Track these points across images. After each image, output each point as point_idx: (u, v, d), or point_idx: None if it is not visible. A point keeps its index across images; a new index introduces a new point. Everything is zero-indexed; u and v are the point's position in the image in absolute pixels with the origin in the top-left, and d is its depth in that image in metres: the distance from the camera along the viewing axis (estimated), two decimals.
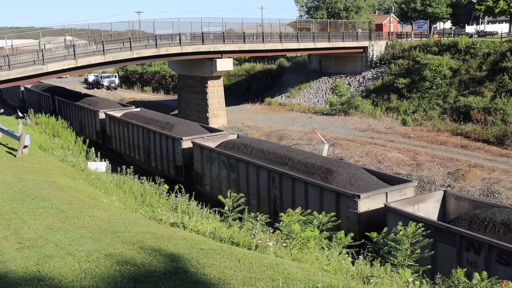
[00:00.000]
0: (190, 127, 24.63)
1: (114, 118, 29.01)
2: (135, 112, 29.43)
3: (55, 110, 39.03)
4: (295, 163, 17.09)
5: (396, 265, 9.35)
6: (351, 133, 33.91)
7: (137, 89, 69.86)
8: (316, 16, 68.45)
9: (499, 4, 53.72)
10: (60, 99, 38.75)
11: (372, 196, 13.91)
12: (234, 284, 5.67)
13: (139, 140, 26.36)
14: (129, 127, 27.32)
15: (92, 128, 32.44)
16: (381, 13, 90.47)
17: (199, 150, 20.88)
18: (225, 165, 19.23)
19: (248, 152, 19.07)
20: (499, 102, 32.87)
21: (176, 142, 22.54)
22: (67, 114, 36.47)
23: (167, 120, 25.89)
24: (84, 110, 33.66)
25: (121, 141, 28.53)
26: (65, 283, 5.83)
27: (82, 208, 10.15)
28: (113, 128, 29.32)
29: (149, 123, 26.03)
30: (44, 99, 42.67)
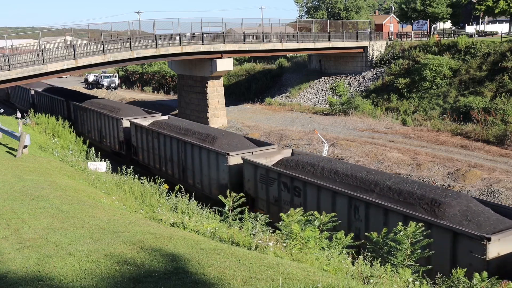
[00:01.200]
0: (235, 140, 21.36)
1: (141, 127, 26.09)
2: (165, 120, 26.73)
3: (69, 116, 36.47)
4: (384, 190, 14.04)
5: (396, 265, 9.35)
6: (351, 133, 33.91)
7: (137, 89, 69.86)
8: (316, 16, 68.45)
9: (499, 4, 53.73)
10: (76, 104, 35.52)
11: (505, 238, 11.16)
12: (234, 284, 5.67)
13: (172, 153, 23.18)
14: (160, 138, 24.19)
15: (114, 138, 29.40)
16: (381, 13, 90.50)
17: (252, 169, 17.79)
18: (287, 187, 16.27)
19: (318, 173, 16.11)
20: (499, 102, 32.86)
21: (221, 158, 19.25)
22: (84, 121, 34.05)
23: (207, 131, 22.62)
24: (105, 117, 30.46)
25: (149, 153, 25.53)
26: (65, 283, 5.83)
27: (82, 208, 10.15)
28: (139, 138, 26.34)
29: (185, 134, 23.07)
30: (57, 104, 39.35)
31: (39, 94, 44.01)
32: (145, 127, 25.80)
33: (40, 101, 43.82)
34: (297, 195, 15.88)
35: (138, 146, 26.64)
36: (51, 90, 43.79)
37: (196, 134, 22.58)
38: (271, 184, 16.96)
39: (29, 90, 46.32)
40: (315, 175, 16.02)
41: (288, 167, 17.13)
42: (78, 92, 42.86)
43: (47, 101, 41.66)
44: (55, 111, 38.10)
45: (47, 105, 41.32)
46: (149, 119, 27.51)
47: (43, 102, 42.83)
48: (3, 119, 26.18)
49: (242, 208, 11.26)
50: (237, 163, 18.79)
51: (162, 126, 25.16)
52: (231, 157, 18.83)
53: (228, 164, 18.85)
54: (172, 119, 27.69)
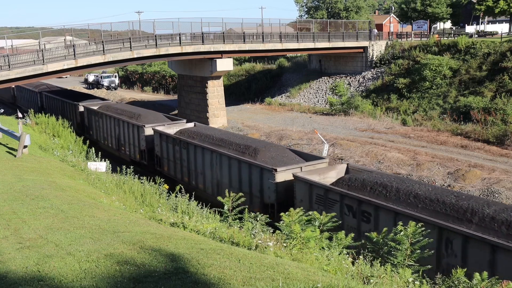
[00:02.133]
0: (279, 152, 19.01)
1: (166, 136, 23.81)
2: (193, 129, 24.49)
3: (82, 121, 34.23)
4: (484, 220, 11.68)
5: (396, 265, 9.35)
6: (351, 133, 33.91)
7: (137, 89, 69.88)
8: (316, 16, 68.45)
9: (499, 4, 53.74)
10: (90, 109, 33.18)
11: None
12: (234, 284, 5.67)
13: (204, 166, 20.91)
14: (189, 148, 21.99)
15: (134, 146, 26.99)
16: (381, 13, 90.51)
17: (306, 188, 15.63)
18: (352, 211, 14.14)
19: (392, 195, 13.76)
20: (499, 102, 32.86)
21: (267, 174, 17.13)
22: (99, 127, 31.70)
23: (247, 143, 20.17)
24: (124, 124, 28.02)
25: (176, 164, 23.23)
26: (65, 283, 5.83)
27: (82, 208, 10.15)
28: (164, 148, 24.02)
29: (219, 145, 20.85)
30: (68, 108, 36.87)
31: (49, 97, 41.42)
32: (171, 136, 23.49)
33: (49, 104, 41.04)
34: (366, 221, 13.60)
35: (163, 156, 24.24)
36: (62, 93, 41.29)
37: (233, 145, 20.21)
38: (331, 206, 14.63)
39: (37, 92, 43.92)
40: (388, 198, 13.71)
41: (353, 187, 14.83)
42: (90, 95, 39.78)
43: (58, 104, 39.05)
44: (66, 116, 36.07)
45: (57, 108, 38.74)
46: (174, 127, 25.30)
47: (53, 105, 40.03)
48: (3, 119, 26.18)
49: None
50: (285, 180, 16.64)
51: (191, 135, 22.96)
52: (279, 173, 16.61)
53: (276, 181, 16.64)
54: (200, 127, 25.42)
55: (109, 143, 30.37)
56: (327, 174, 16.70)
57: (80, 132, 32.84)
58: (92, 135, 32.47)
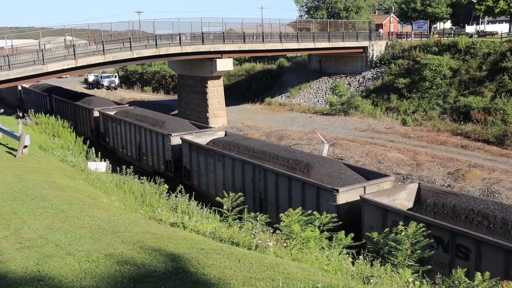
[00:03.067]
0: (335, 168, 16.62)
1: (197, 146, 21.51)
2: (227, 139, 21.78)
3: (97, 127, 31.90)
4: None
5: (396, 265, 9.35)
6: (351, 133, 33.91)
7: (137, 89, 69.91)
8: (316, 16, 68.46)
9: (499, 4, 53.74)
10: (106, 114, 30.40)
11: None
12: (234, 284, 5.66)
13: (244, 181, 18.53)
14: (225, 161, 19.59)
15: (159, 157, 24.87)
16: (381, 13, 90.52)
17: (378, 214, 13.38)
18: (442, 244, 11.83)
19: (498, 228, 11.46)
20: (499, 102, 32.86)
21: (325, 195, 14.84)
22: (117, 135, 29.19)
23: (296, 157, 17.66)
24: (146, 131, 25.66)
25: (208, 178, 20.90)
26: (65, 283, 5.83)
27: (82, 208, 10.15)
28: (195, 160, 21.75)
29: (263, 159, 18.38)
30: (82, 112, 34.20)
31: (59, 101, 38.85)
32: (203, 147, 21.19)
33: (60, 108, 38.49)
34: (464, 258, 11.22)
35: (192, 169, 21.89)
36: (73, 96, 38.52)
37: (280, 159, 17.90)
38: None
39: (46, 95, 41.31)
40: (493, 232, 11.46)
41: (440, 215, 12.54)
42: (105, 100, 36.96)
43: (69, 108, 36.60)
44: (79, 120, 34.30)
45: (68, 112, 36.47)
46: (204, 136, 23.16)
47: (64, 109, 37.59)
48: (3, 119, 26.18)
49: None
50: (347, 202, 14.54)
51: (226, 145, 20.69)
52: (341, 194, 14.39)
53: (337, 203, 14.40)
54: (234, 136, 23.05)
55: (128, 152, 28.05)
56: (397, 195, 14.59)
57: (95, 139, 31.58)
58: (109, 143, 30.29)
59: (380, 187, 15.18)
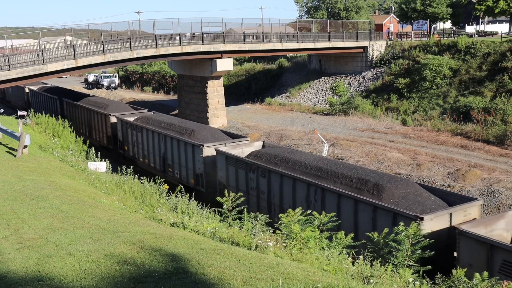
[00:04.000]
0: (410, 189, 14.46)
1: (236, 159, 19.24)
2: (270, 151, 19.28)
3: (115, 135, 29.90)
4: None
5: (396, 265, 9.35)
6: (351, 133, 33.91)
7: (137, 89, 69.91)
8: (316, 16, 68.46)
9: (499, 4, 53.77)
10: (125, 121, 28.24)
11: None
12: (234, 284, 5.67)
13: (295, 201, 16.15)
14: (272, 178, 17.27)
15: (187, 169, 22.52)
16: (381, 13, 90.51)
17: (485, 250, 11.04)
18: None
19: None
20: (499, 102, 32.87)
21: (406, 223, 11.51)
22: (138, 143, 27.04)
23: (361, 175, 15.36)
24: (173, 141, 23.46)
25: (250, 196, 18.27)
26: (65, 283, 5.83)
27: (82, 208, 10.16)
28: (232, 175, 19.39)
29: (319, 176, 16.14)
30: (97, 118, 31.99)
31: (71, 105, 36.11)
32: (242, 160, 19.09)
33: (72, 112, 36.08)
34: None
35: (229, 184, 19.63)
36: (86, 100, 35.75)
37: (340, 177, 15.70)
38: None
39: (56, 99, 38.61)
40: None
41: None
42: (122, 104, 34.29)
43: (83, 113, 34.20)
44: (94, 127, 32.00)
45: (81, 118, 34.32)
46: (240, 147, 20.98)
47: (76, 114, 35.25)
48: (3, 119, 26.18)
49: None
50: (431, 232, 12.09)
51: (271, 159, 18.32)
52: (426, 222, 12.23)
53: (427, 231, 11.98)
54: (275, 148, 20.38)
55: (151, 162, 25.82)
56: (494, 225, 12.47)
57: (112, 146, 30.12)
58: (128, 151, 28.31)
59: (467, 212, 13.17)
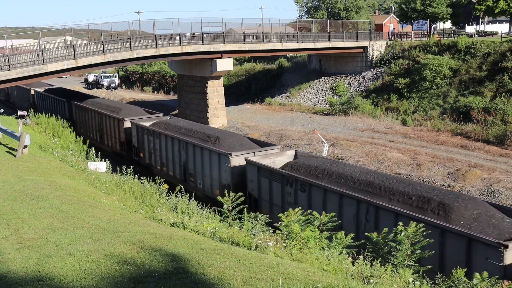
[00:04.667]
0: (480, 209, 12.83)
1: (270, 171, 17.55)
2: (309, 162, 17.63)
3: (129, 140, 28.01)
4: None
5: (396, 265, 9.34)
6: (351, 133, 33.91)
7: (137, 89, 69.92)
8: (316, 16, 68.45)
9: (499, 4, 53.77)
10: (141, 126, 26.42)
11: None
12: (234, 284, 5.67)
13: (342, 219, 13.83)
14: (312, 192, 15.93)
15: (212, 180, 20.84)
16: (381, 13, 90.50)
17: None
18: None
19: None
20: (499, 102, 32.87)
21: (485, 251, 11.00)
22: (155, 150, 25.28)
23: (423, 193, 13.63)
24: (196, 149, 21.71)
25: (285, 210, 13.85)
26: (65, 283, 5.83)
27: (82, 208, 10.16)
28: (265, 187, 17.79)
29: (368, 191, 14.71)
30: (110, 123, 29.84)
31: (82, 109, 34.22)
32: (278, 172, 17.35)
33: (82, 117, 34.25)
34: None
35: (262, 198, 17.94)
36: (98, 104, 33.70)
37: (396, 194, 14.08)
38: None
39: (65, 101, 36.72)
40: None
41: None
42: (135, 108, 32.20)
43: (94, 117, 32.41)
44: (107, 132, 30.15)
45: (92, 122, 32.62)
46: (270, 156, 19.34)
47: (87, 118, 33.50)
48: (3, 119, 26.18)
49: None
50: None
51: (309, 171, 16.84)
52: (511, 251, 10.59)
53: (504, 263, 10.64)
54: (313, 159, 18.70)
55: (170, 171, 24.19)
56: None
57: (125, 153, 28.49)
58: (143, 158, 26.64)
59: None
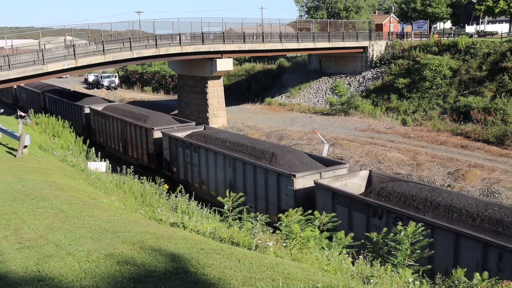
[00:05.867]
0: None
1: (350, 198, 14.53)
2: (399, 190, 14.33)
3: (159, 152, 25.09)
4: None
5: (396, 265, 9.34)
6: (351, 133, 33.91)
7: (137, 89, 69.92)
8: (316, 16, 68.45)
9: (499, 4, 53.77)
10: (175, 137, 23.55)
11: None
12: (234, 284, 5.67)
13: (459, 262, 11.25)
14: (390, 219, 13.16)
15: (269, 203, 17.83)
16: (381, 13, 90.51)
17: None
18: None
19: None
20: (499, 102, 32.87)
21: None
22: (193, 166, 22.12)
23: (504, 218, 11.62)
24: (247, 167, 18.68)
25: None
26: (65, 283, 5.83)
27: (82, 208, 10.16)
28: (343, 217, 14.09)
29: (498, 232, 11.53)
30: (137, 132, 26.93)
31: (102, 116, 31.27)
32: (362, 201, 14.27)
33: (102, 125, 31.37)
34: None
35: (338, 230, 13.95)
36: (120, 111, 30.48)
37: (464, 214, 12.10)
38: None
39: (81, 107, 33.93)
40: None
41: None
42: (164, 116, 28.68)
43: (117, 125, 29.36)
44: (131, 142, 27.32)
45: (115, 130, 29.68)
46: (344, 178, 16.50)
47: (108, 127, 30.43)
48: (3, 119, 26.18)
49: None
50: None
51: (403, 198, 13.87)
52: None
53: None
54: (392, 181, 15.80)
55: (211, 189, 21.13)
56: None
57: (154, 166, 25.50)
58: (177, 174, 23.72)
59: None
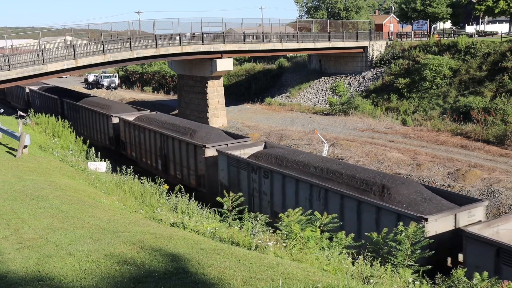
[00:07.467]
0: None
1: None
2: None
3: (212, 173, 21.25)
4: None
5: (396, 265, 9.34)
6: (351, 133, 33.91)
7: (137, 89, 69.92)
8: (316, 16, 68.44)
9: (499, 4, 53.77)
10: (235, 157, 19.65)
11: None
12: (234, 284, 5.67)
13: None
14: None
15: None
16: (381, 13, 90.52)
17: None
18: None
19: None
20: (499, 102, 32.87)
21: None
22: (262, 193, 18.23)
23: None
24: (332, 197, 15.37)
25: None
26: (65, 283, 5.83)
27: (82, 208, 10.15)
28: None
29: None
30: (180, 148, 23.61)
31: (134, 127, 27.88)
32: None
33: (136, 136, 27.89)
34: None
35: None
36: (154, 121, 27.37)
37: None
38: None
39: (109, 116, 30.48)
40: None
41: None
42: (216, 130, 25.34)
43: (152, 138, 26.16)
44: (174, 160, 24.04)
45: (149, 143, 26.50)
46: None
47: (143, 138, 27.06)
48: (3, 119, 26.17)
49: None
50: None
51: None
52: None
53: None
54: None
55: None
56: None
57: (205, 190, 21.65)
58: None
59: None
